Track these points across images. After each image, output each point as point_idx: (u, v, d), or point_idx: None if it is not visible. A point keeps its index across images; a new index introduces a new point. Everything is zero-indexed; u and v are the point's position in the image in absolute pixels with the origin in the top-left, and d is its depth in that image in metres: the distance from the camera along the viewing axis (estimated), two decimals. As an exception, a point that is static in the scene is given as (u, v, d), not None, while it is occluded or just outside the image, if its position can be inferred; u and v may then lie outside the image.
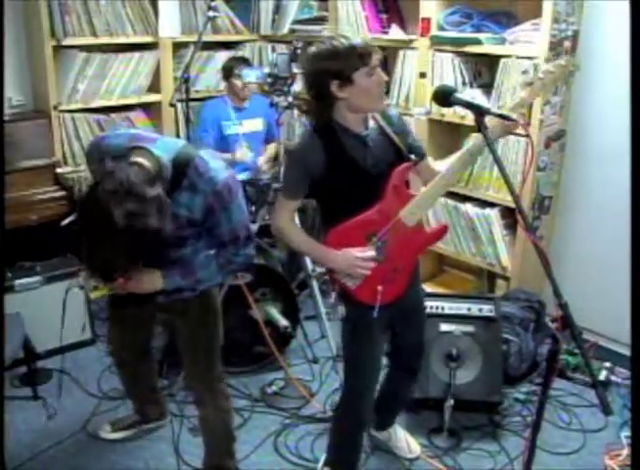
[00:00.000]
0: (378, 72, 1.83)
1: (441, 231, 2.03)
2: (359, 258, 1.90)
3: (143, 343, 2.46)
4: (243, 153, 3.71)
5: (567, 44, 2.99)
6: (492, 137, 1.75)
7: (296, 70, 3.16)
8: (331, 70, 1.80)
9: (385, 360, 2.29)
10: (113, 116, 3.82)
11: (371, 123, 1.95)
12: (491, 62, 3.26)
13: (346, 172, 1.88)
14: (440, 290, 3.60)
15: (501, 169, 1.66)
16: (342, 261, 1.92)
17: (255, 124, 3.90)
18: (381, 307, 1.93)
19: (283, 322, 2.98)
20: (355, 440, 2.24)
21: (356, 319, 2.03)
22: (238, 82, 3.70)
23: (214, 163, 1.92)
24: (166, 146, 1.87)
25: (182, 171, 1.85)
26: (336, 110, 1.89)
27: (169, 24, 3.88)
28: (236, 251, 2.00)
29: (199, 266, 1.99)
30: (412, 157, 1.95)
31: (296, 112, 4.17)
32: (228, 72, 3.76)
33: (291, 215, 2.01)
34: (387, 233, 1.91)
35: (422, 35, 3.40)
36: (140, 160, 1.74)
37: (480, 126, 1.72)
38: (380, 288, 1.91)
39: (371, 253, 1.91)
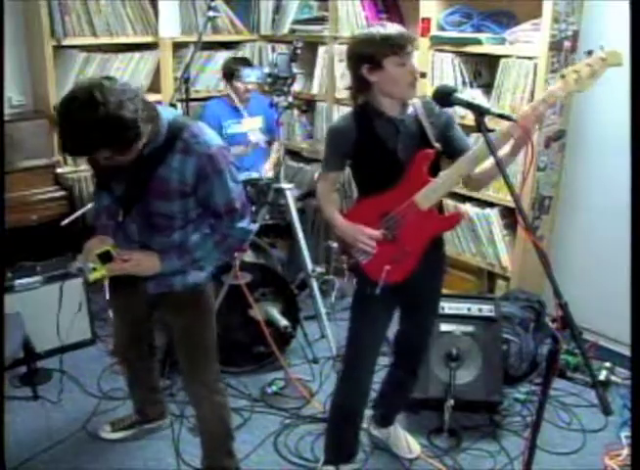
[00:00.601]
0: (409, 63, 1.91)
1: (454, 218, 2.08)
2: (365, 234, 1.99)
3: (143, 339, 2.46)
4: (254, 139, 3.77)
5: (567, 44, 3.00)
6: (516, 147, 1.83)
7: (295, 70, 3.17)
8: (363, 54, 1.90)
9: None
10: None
11: (410, 110, 2.01)
12: (491, 62, 3.26)
13: (374, 153, 1.99)
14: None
15: (501, 169, 1.66)
16: (350, 234, 2.03)
17: (255, 122, 3.90)
18: (385, 287, 2.01)
19: (283, 322, 2.97)
20: (350, 422, 2.27)
21: (361, 292, 2.14)
22: (240, 85, 3.70)
23: (209, 131, 1.99)
24: (167, 110, 2.03)
25: (177, 134, 1.91)
26: (372, 93, 1.97)
27: (169, 24, 3.88)
28: (231, 223, 2.01)
29: (194, 245, 2.01)
30: (437, 146, 1.98)
31: (296, 112, 4.18)
32: (230, 75, 3.75)
33: (329, 186, 2.14)
34: (399, 213, 1.99)
35: (422, 35, 3.40)
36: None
37: (479, 126, 1.73)
38: (387, 267, 2.00)
39: (377, 233, 1.99)
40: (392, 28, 1.89)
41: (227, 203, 1.98)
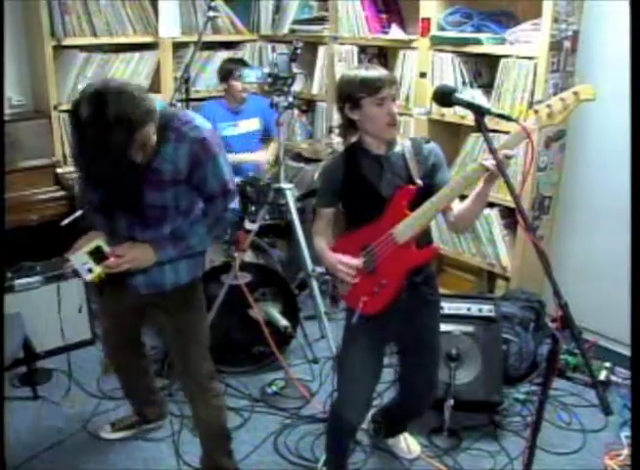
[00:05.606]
0: (387, 104, 1.94)
1: (429, 253, 2.07)
2: (343, 263, 2.03)
3: (134, 340, 2.46)
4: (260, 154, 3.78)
5: (567, 44, 3.00)
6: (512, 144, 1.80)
7: (295, 70, 3.16)
8: (345, 94, 2.00)
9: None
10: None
11: (397, 148, 2.05)
12: (491, 62, 3.26)
13: (358, 190, 2.05)
14: (440, 290, 3.58)
15: (501, 170, 1.67)
16: (330, 263, 2.09)
17: (251, 124, 3.89)
18: (368, 319, 2.05)
19: (283, 322, 2.98)
20: (340, 442, 2.26)
21: (348, 322, 2.17)
22: (237, 84, 3.69)
23: (198, 117, 2.01)
24: (157, 100, 2.00)
25: (166, 124, 1.91)
26: (359, 132, 2.05)
27: (169, 24, 3.87)
28: (225, 205, 2.03)
29: (188, 233, 2.02)
30: (419, 182, 1.99)
31: (296, 112, 4.18)
32: (227, 74, 3.74)
33: (323, 222, 2.17)
34: (378, 246, 2.02)
35: (422, 35, 3.40)
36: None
37: (480, 126, 1.73)
38: (364, 298, 2.04)
39: (355, 261, 2.03)
40: (373, 72, 1.96)
41: (223, 185, 2.01)
